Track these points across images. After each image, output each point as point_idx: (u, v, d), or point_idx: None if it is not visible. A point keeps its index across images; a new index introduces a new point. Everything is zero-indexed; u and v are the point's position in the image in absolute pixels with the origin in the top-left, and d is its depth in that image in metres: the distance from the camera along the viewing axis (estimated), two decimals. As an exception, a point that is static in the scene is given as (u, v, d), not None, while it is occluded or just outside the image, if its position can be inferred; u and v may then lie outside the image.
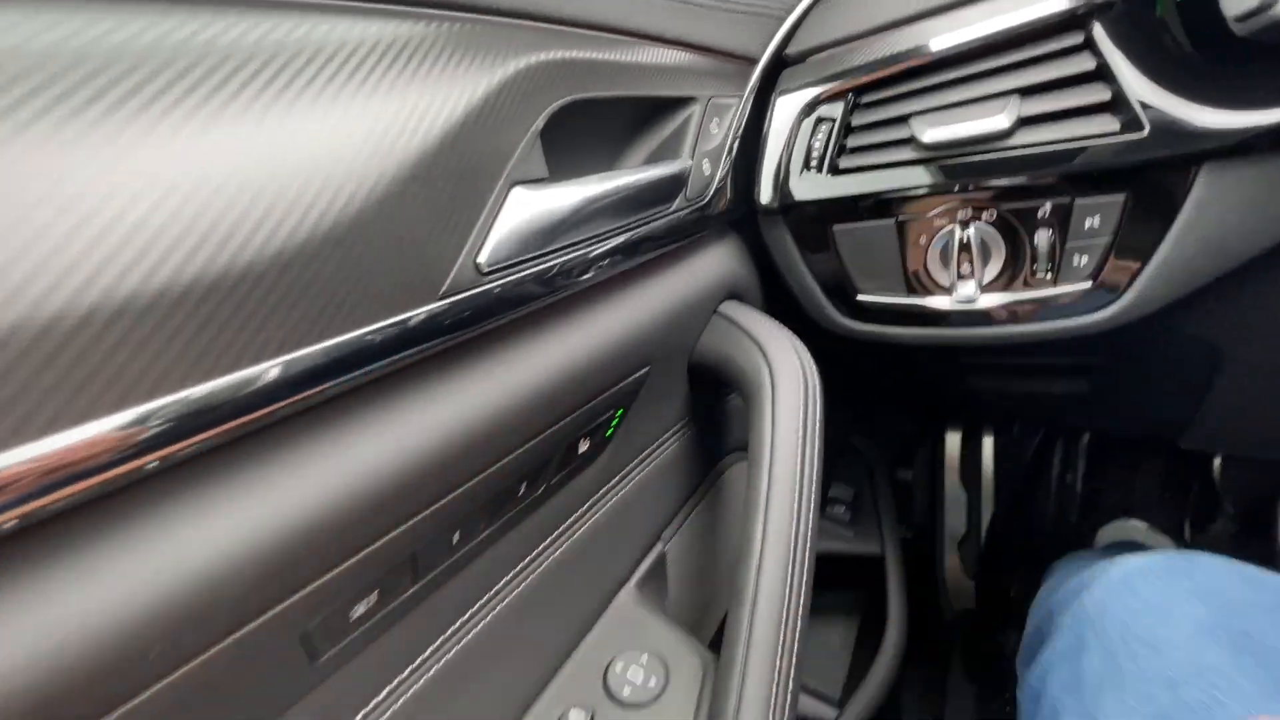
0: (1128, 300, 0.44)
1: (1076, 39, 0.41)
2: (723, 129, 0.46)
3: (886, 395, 0.83)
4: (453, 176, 0.23)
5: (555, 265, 0.28)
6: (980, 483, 1.06)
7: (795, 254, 0.53)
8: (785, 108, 0.51)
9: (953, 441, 1.06)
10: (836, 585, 0.83)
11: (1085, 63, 0.41)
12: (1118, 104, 0.40)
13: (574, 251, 0.29)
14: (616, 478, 0.41)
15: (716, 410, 0.54)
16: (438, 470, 0.23)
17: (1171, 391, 0.59)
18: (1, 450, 0.13)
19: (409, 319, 0.21)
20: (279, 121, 0.18)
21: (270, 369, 0.17)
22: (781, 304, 0.55)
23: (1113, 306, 0.44)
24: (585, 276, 0.31)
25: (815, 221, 0.51)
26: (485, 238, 0.24)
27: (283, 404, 0.18)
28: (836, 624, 0.82)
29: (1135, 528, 0.89)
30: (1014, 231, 0.45)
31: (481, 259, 0.24)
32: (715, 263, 0.48)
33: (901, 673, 0.85)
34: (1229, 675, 0.31)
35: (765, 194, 0.51)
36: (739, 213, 0.51)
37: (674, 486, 0.48)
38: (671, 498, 0.48)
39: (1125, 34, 0.40)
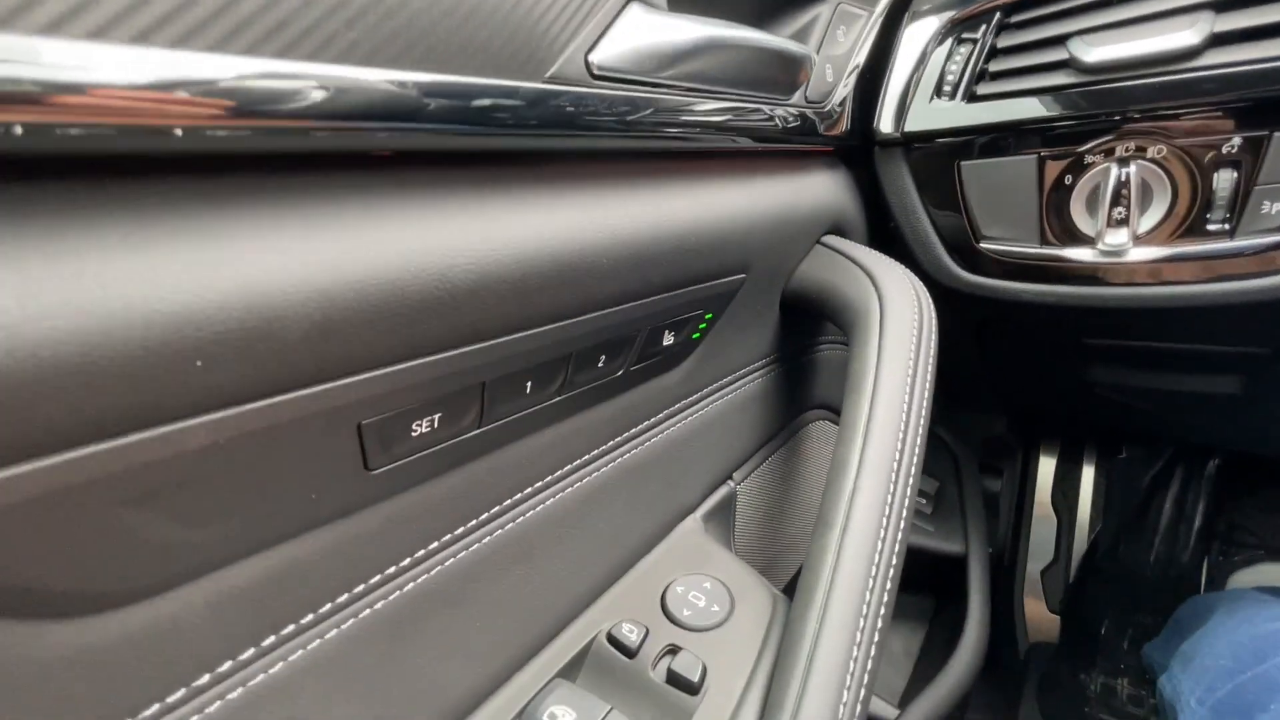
0: (1329, 260, 0.36)
1: (1296, -58, 0.35)
2: (849, 39, 0.42)
3: (987, 384, 0.76)
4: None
5: (665, 100, 0.25)
6: (1076, 510, 0.96)
7: (913, 193, 0.48)
8: (917, 32, 0.46)
9: (1047, 460, 0.97)
10: (909, 586, 0.76)
11: (1305, -31, 0.34)
12: (1345, 17, 0.34)
13: (686, 94, 0.26)
14: (696, 396, 0.38)
15: (805, 359, 0.50)
16: (520, 289, 0.21)
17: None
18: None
19: (510, 89, 0.18)
20: None
21: (356, 80, 0.15)
22: (890, 253, 0.50)
23: (1308, 267, 0.37)
24: (693, 131, 0.28)
25: (940, 157, 0.46)
26: (599, 39, 0.21)
27: (366, 125, 0.15)
28: (901, 629, 0.76)
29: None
30: (1186, 171, 0.39)
31: (594, 58, 0.21)
32: (822, 188, 0.44)
33: (966, 697, 0.77)
34: None
35: (887, 123, 0.47)
36: (853, 144, 0.47)
37: (752, 426, 0.45)
38: (748, 437, 0.44)
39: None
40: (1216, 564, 0.83)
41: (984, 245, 0.46)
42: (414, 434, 0.20)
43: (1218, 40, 0.36)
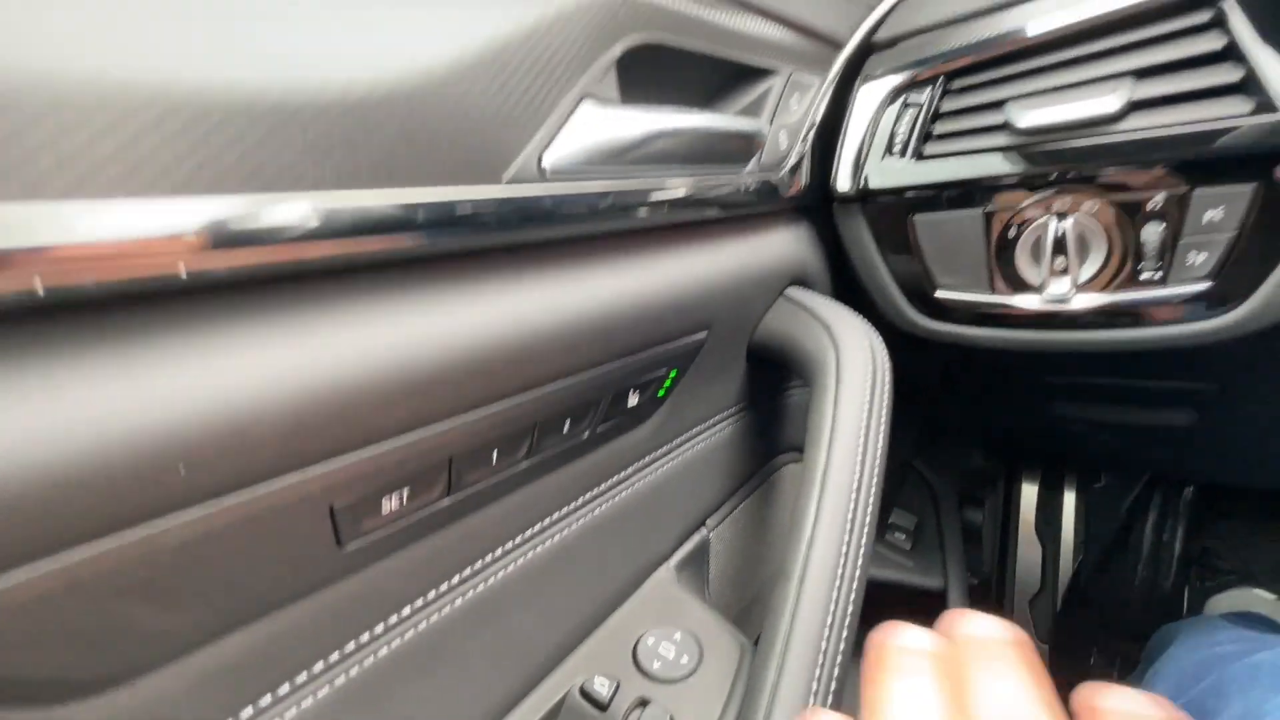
0: (1252, 306, 0.39)
1: (1202, 17, 0.38)
2: (802, 106, 0.45)
3: (958, 419, 0.78)
4: (524, 72, 0.22)
5: (618, 190, 0.27)
6: (1060, 537, 0.97)
7: (871, 246, 0.50)
8: (869, 94, 0.49)
9: (1029, 488, 0.98)
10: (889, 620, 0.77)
11: (1212, 42, 0.38)
12: (1248, 86, 0.37)
13: (639, 182, 0.28)
14: (666, 447, 0.39)
15: (775, 404, 0.52)
16: (482, 371, 0.23)
17: (1298, 432, 0.52)
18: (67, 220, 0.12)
19: (468, 195, 0.20)
20: None
21: (328, 199, 0.17)
22: (853, 301, 0.53)
23: (1235, 312, 0.39)
24: (649, 213, 0.30)
25: (894, 211, 0.48)
26: (551, 140, 0.24)
27: (334, 243, 0.17)
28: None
29: (1260, 598, 0.78)
30: (1118, 225, 0.41)
31: (546, 160, 0.23)
32: (784, 245, 0.46)
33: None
34: None
35: (843, 180, 0.49)
36: (813, 201, 0.49)
37: (723, 473, 0.46)
38: (720, 484, 0.46)
39: (1261, 12, 0.37)
40: (1196, 590, 0.85)
41: (939, 294, 0.48)
42: (384, 510, 0.22)
43: (1136, 106, 0.39)
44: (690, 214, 0.34)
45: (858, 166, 0.49)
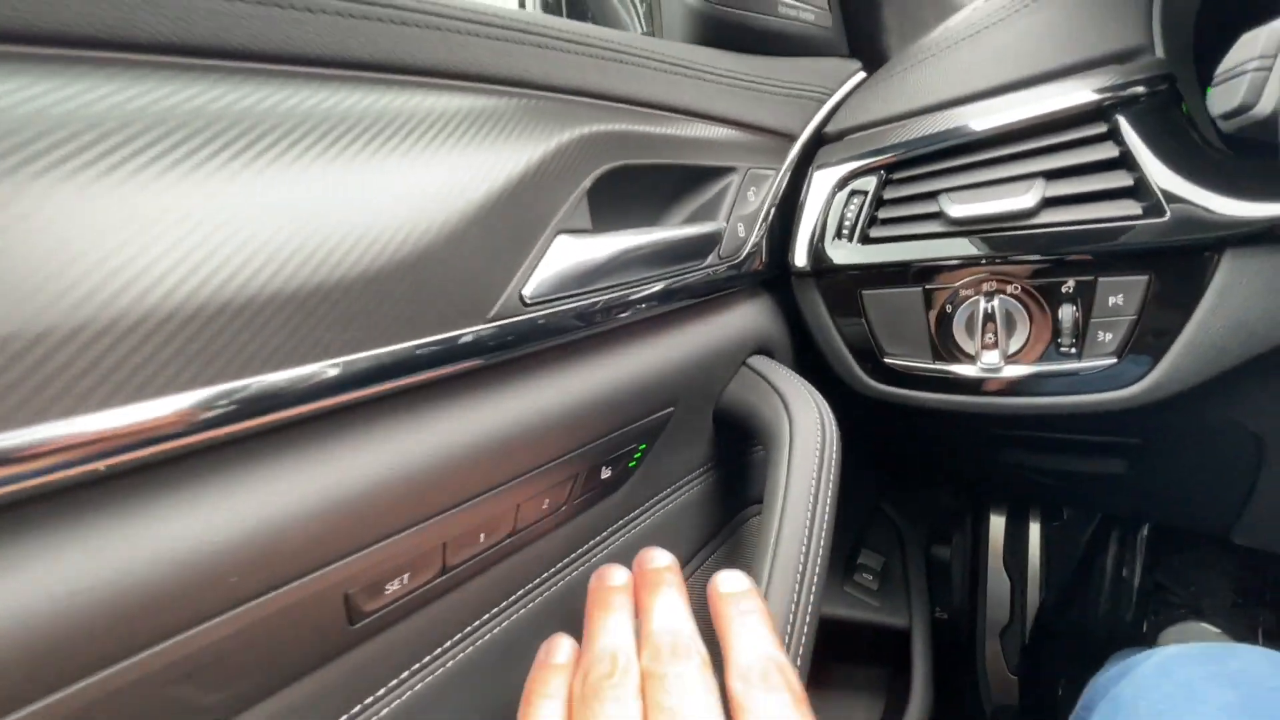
0: (1155, 378, 0.44)
1: (1100, 128, 0.44)
2: (760, 197, 0.51)
3: (920, 465, 0.83)
4: (507, 223, 0.27)
5: (591, 304, 0.32)
6: (1026, 570, 1.01)
7: (826, 316, 0.55)
8: (822, 180, 0.54)
9: (997, 523, 1.02)
10: (863, 658, 0.81)
11: (1108, 150, 0.43)
12: (1140, 190, 0.42)
13: (610, 294, 0.33)
14: (638, 510, 0.43)
15: (741, 461, 0.56)
16: (471, 471, 0.27)
17: (1217, 481, 0.57)
18: (101, 410, 0.17)
19: (460, 336, 0.25)
20: (368, 172, 0.23)
21: (349, 363, 0.21)
22: (812, 365, 0.57)
23: (1141, 383, 0.45)
24: (621, 317, 0.34)
25: (846, 286, 0.54)
26: (530, 274, 0.28)
27: (351, 394, 0.22)
28: (860, 699, 0.79)
29: (1206, 631, 0.82)
30: (1038, 305, 0.47)
31: (526, 292, 0.28)
32: (746, 318, 0.51)
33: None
34: None
35: (800, 258, 0.55)
36: (773, 274, 0.54)
37: (693, 528, 0.50)
38: (690, 539, 0.50)
39: (1149, 126, 0.43)
40: (1151, 623, 0.89)
41: (887, 360, 0.53)
42: (388, 591, 0.26)
43: (1049, 203, 0.45)
44: (657, 309, 0.39)
45: (812, 245, 0.54)
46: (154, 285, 0.17)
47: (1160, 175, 0.42)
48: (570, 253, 0.30)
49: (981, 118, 0.48)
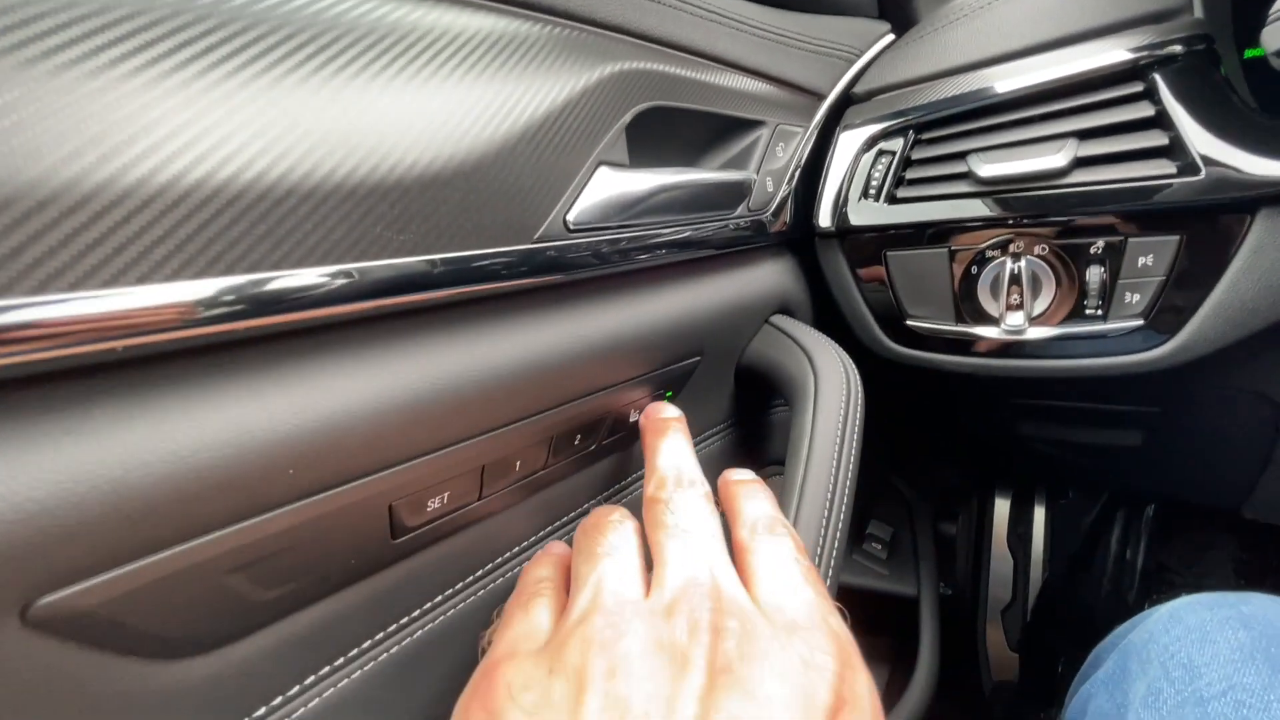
0: (1182, 339, 0.44)
1: (1136, 88, 0.44)
2: (787, 153, 0.50)
3: (932, 437, 0.83)
4: (553, 148, 0.27)
5: (629, 237, 0.32)
6: (1030, 550, 1.02)
7: (849, 277, 0.55)
8: (848, 141, 0.54)
9: (1002, 503, 1.03)
10: (869, 627, 0.81)
11: (1143, 110, 0.43)
12: (1174, 149, 0.42)
13: (646, 229, 0.33)
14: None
15: (761, 420, 0.57)
16: (511, 394, 0.27)
17: (1233, 454, 0.57)
18: (168, 281, 0.17)
19: (509, 253, 0.25)
20: (425, 85, 0.23)
21: (404, 265, 0.21)
22: (832, 328, 0.57)
23: (1166, 345, 0.45)
24: (653, 256, 0.34)
25: (869, 247, 0.54)
26: (574, 201, 0.28)
27: (406, 297, 0.22)
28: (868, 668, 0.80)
29: (1210, 610, 0.83)
30: (1065, 266, 0.47)
31: (570, 217, 0.28)
32: (770, 276, 0.51)
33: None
34: (1260, 694, 0.31)
35: (824, 218, 0.54)
36: (797, 234, 0.54)
37: (714, 484, 0.50)
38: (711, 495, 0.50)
39: (1186, 86, 0.42)
40: (1154, 602, 0.90)
41: (909, 322, 0.53)
42: (429, 509, 0.26)
43: (1081, 163, 0.45)
44: (688, 254, 0.39)
45: (837, 206, 0.54)
46: (221, 164, 0.17)
47: (1196, 135, 0.42)
48: (611, 183, 0.30)
49: (1013, 78, 0.48)
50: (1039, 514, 1.02)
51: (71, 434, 0.16)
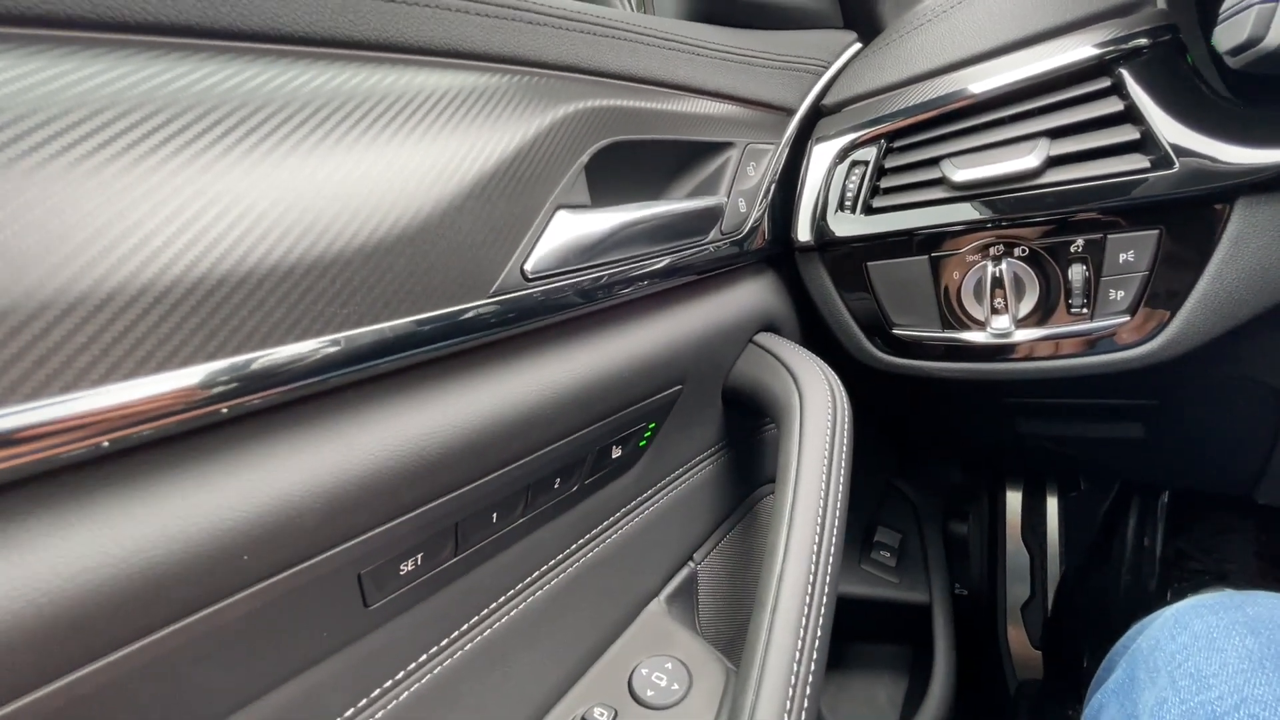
0: (1171, 333, 0.43)
1: (1104, 83, 0.43)
2: (759, 172, 0.50)
3: (933, 439, 0.82)
4: (506, 197, 0.27)
5: (593, 279, 0.32)
6: (1045, 544, 1.00)
7: (831, 290, 0.55)
8: (822, 153, 0.54)
9: (1014, 497, 1.01)
10: (884, 637, 0.80)
11: (1113, 105, 0.43)
12: (1147, 143, 0.42)
13: (611, 269, 0.33)
14: (650, 491, 0.43)
15: (752, 440, 0.56)
16: (480, 450, 0.27)
17: (1238, 440, 0.56)
18: (101, 386, 0.17)
19: (463, 310, 0.25)
20: (361, 150, 0.23)
21: (351, 337, 0.21)
22: (819, 340, 0.57)
23: (1156, 340, 0.44)
24: (624, 293, 0.34)
25: (850, 258, 0.53)
26: (531, 249, 0.28)
27: (355, 369, 0.21)
28: (883, 679, 0.79)
29: (1232, 596, 0.81)
30: (1047, 267, 0.46)
31: (528, 267, 0.28)
32: (751, 295, 0.51)
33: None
34: (1273, 707, 0.30)
35: (803, 232, 0.54)
36: (776, 250, 0.54)
37: (707, 509, 0.50)
38: (704, 520, 0.50)
39: (1153, 79, 0.42)
40: (1175, 590, 0.88)
41: (896, 331, 0.53)
42: (402, 572, 0.26)
43: (1054, 162, 0.44)
44: (660, 285, 0.38)
45: (815, 219, 0.54)
46: (150, 260, 0.17)
47: (1167, 127, 0.41)
48: (570, 227, 0.30)
49: (981, 80, 0.47)
50: (1052, 506, 1.00)
51: (3, 549, 0.15)
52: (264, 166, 0.20)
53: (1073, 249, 0.45)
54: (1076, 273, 0.45)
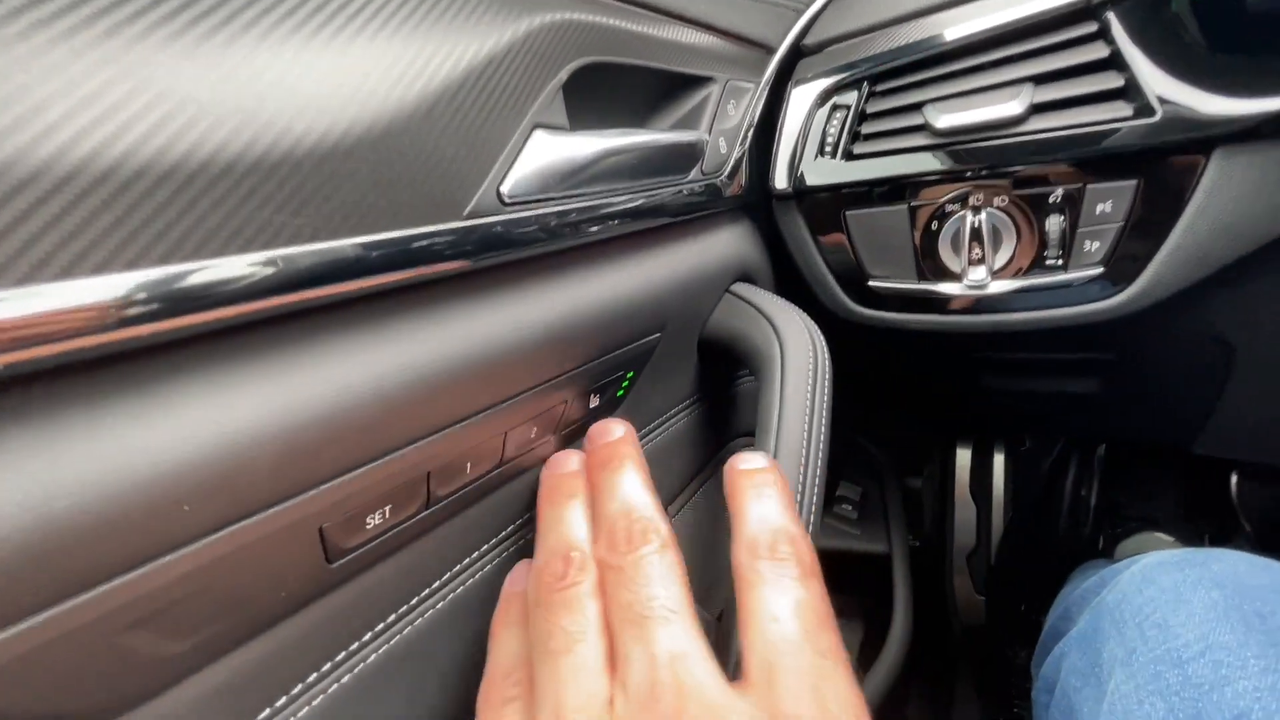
0: (1140, 285, 0.44)
1: (1090, 28, 0.42)
2: (739, 111, 0.48)
3: (897, 397, 0.83)
4: (479, 108, 0.24)
5: (573, 209, 0.29)
6: (991, 496, 1.05)
7: (808, 239, 0.54)
8: (801, 96, 0.52)
9: (963, 454, 1.05)
10: (842, 588, 0.82)
11: (1098, 51, 0.42)
12: (1130, 91, 0.41)
13: (591, 199, 0.30)
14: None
15: (727, 392, 0.55)
16: (453, 391, 0.24)
17: (1186, 393, 0.59)
18: (12, 288, 0.13)
19: (435, 232, 0.22)
20: (327, 44, 0.19)
21: (302, 254, 0.18)
22: (794, 291, 0.56)
23: (1126, 292, 0.44)
24: (602, 228, 0.32)
25: (828, 207, 0.52)
26: (508, 170, 0.25)
27: (311, 293, 0.18)
28: (841, 628, 0.81)
29: (1160, 540, 0.87)
30: (1025, 217, 0.46)
31: (504, 189, 0.25)
32: (728, 243, 0.49)
33: (906, 686, 0.83)
34: (1237, 652, 0.31)
35: (780, 179, 0.52)
36: (754, 198, 0.52)
37: (681, 461, 0.49)
38: (678, 472, 0.48)
39: (1139, 25, 0.41)
40: (1108, 536, 0.93)
41: (872, 283, 0.52)
42: (368, 526, 0.23)
43: (1037, 109, 0.44)
44: (640, 223, 0.36)
45: (793, 166, 0.52)
46: (50, 140, 0.14)
47: (1151, 75, 0.41)
48: (549, 149, 0.27)
49: (966, 22, 0.46)
50: (999, 462, 1.05)
51: None
52: (202, 51, 0.16)
53: (1051, 199, 0.45)
54: (1054, 223, 0.45)
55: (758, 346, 0.43)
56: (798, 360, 0.41)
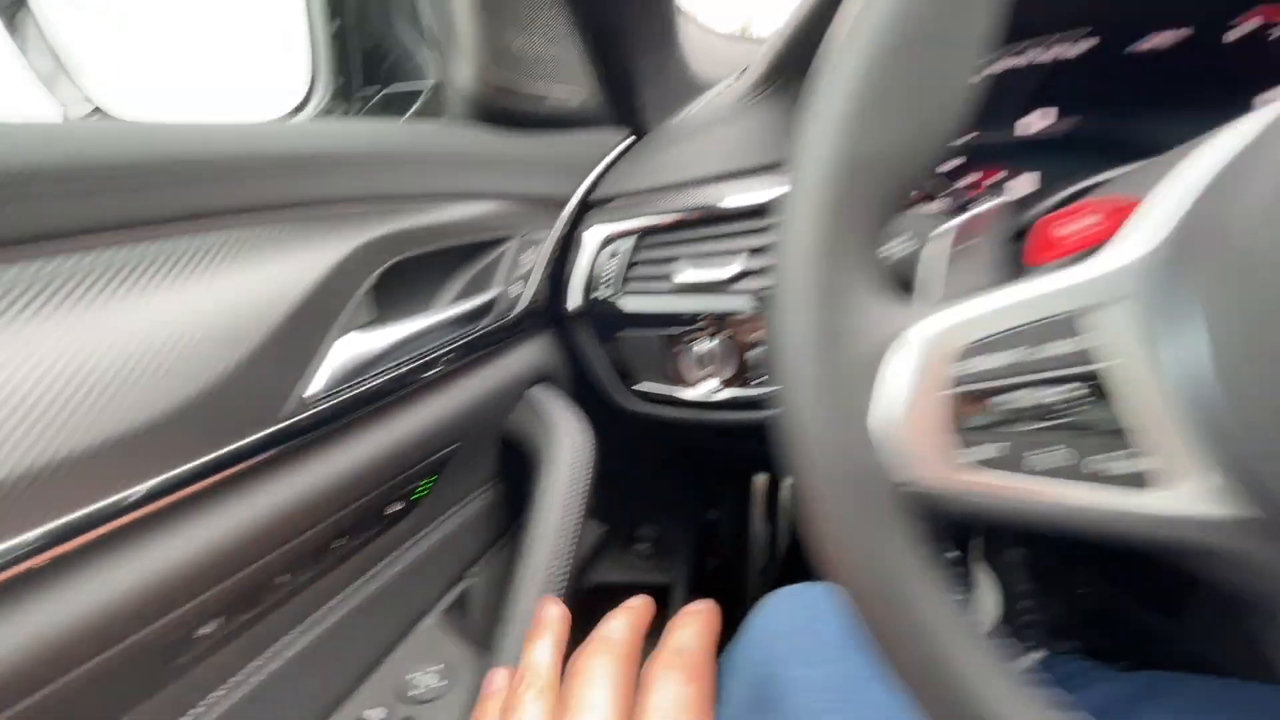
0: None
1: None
2: (535, 256, 0.61)
3: (687, 455, 1.01)
4: (285, 336, 0.34)
5: (374, 387, 0.40)
6: (776, 518, 1.28)
7: (597, 349, 0.68)
8: (591, 237, 0.66)
9: (759, 483, 1.28)
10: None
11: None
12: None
13: (393, 373, 0.41)
14: (426, 529, 0.53)
15: (528, 468, 0.68)
16: (269, 533, 0.34)
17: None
18: None
19: (249, 441, 0.32)
20: (135, 315, 0.28)
21: (151, 483, 0.28)
22: (588, 385, 0.70)
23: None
24: (405, 390, 0.43)
25: (608, 326, 0.67)
26: (311, 378, 0.36)
27: (151, 507, 0.28)
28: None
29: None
30: (740, 347, 0.63)
31: (307, 394, 0.35)
32: (526, 356, 0.62)
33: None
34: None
35: (573, 302, 0.66)
36: (553, 315, 0.65)
37: (482, 532, 0.60)
38: (478, 544, 0.60)
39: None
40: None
41: (639, 386, 0.68)
42: (196, 637, 0.33)
43: (744, 274, 0.61)
44: (442, 371, 0.47)
45: (586, 292, 0.66)
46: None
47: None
48: (353, 348, 0.38)
49: (715, 198, 0.62)
50: (785, 488, 1.29)
51: None
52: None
53: (754, 337, 0.62)
54: (754, 355, 0.63)
55: (539, 446, 0.57)
56: (562, 460, 0.55)
